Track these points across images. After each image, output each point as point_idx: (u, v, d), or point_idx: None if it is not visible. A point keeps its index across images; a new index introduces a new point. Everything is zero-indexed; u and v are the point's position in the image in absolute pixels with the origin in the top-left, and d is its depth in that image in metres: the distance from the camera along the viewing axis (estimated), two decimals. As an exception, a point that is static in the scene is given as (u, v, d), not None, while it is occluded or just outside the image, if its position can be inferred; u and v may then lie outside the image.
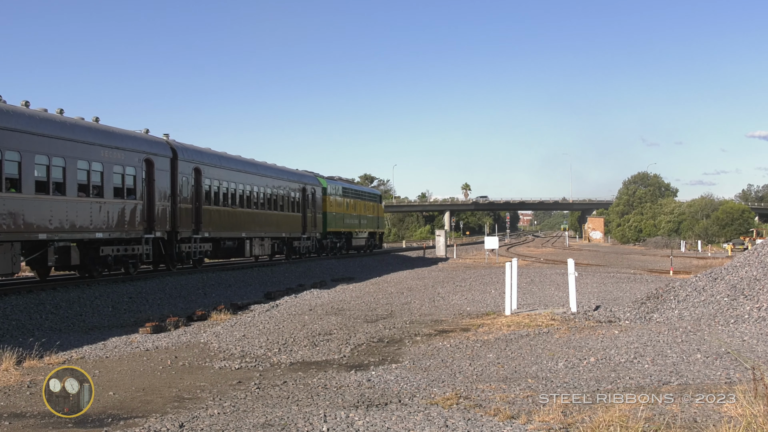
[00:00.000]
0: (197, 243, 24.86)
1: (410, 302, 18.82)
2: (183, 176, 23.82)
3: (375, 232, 47.76)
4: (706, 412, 6.67)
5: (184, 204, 23.78)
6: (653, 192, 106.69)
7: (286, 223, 32.68)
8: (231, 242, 27.71)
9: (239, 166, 28.59)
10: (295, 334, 13.21)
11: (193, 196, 24.59)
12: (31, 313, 15.11)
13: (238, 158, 29.46)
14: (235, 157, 29.24)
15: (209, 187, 25.68)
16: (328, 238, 38.59)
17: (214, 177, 26.06)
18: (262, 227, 30.03)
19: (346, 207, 40.94)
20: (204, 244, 25.54)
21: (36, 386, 9.01)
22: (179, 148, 23.90)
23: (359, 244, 44.16)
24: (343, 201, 40.51)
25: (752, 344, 10.04)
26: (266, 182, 30.81)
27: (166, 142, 23.67)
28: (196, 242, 24.77)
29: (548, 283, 22.85)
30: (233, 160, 28.59)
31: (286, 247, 33.41)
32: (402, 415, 7.03)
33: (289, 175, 34.06)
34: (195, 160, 24.80)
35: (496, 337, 12.13)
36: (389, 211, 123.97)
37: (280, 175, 32.79)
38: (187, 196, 24.08)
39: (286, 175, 33.63)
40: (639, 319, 13.39)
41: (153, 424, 7.08)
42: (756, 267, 13.47)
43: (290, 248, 33.82)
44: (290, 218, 33.26)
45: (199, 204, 24.80)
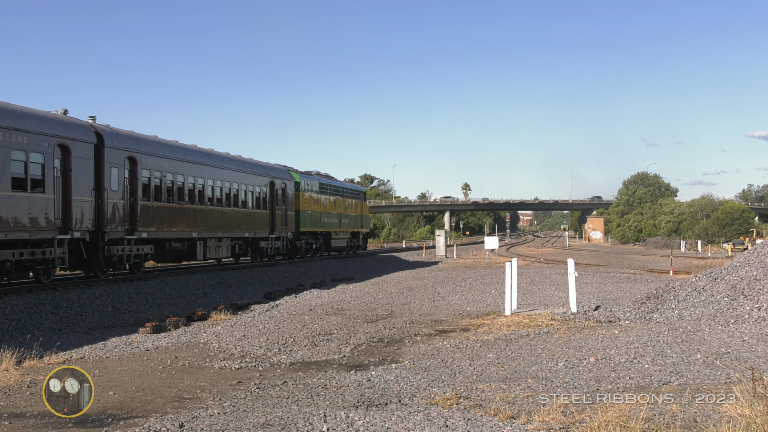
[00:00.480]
0: (133, 245, 21.05)
1: (410, 302, 18.82)
2: (112, 166, 19.83)
3: (358, 232, 44.36)
4: (706, 412, 6.67)
5: (113, 199, 19.88)
6: (653, 192, 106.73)
7: (249, 221, 28.85)
8: (179, 244, 23.87)
9: (189, 157, 24.80)
10: (295, 334, 13.22)
11: (127, 189, 20.72)
12: (31, 313, 15.11)
13: (189, 147, 25.69)
14: (185, 146, 25.53)
15: (149, 179, 21.87)
16: (303, 238, 34.98)
17: (155, 168, 22.25)
18: (220, 226, 26.29)
19: (324, 205, 37.54)
20: (143, 246, 21.74)
21: (36, 386, 9.01)
22: (107, 133, 19.98)
23: (339, 245, 40.70)
24: (321, 198, 37.05)
25: (752, 344, 10.05)
26: (225, 175, 26.92)
27: (89, 125, 19.87)
28: (131, 244, 20.93)
29: (548, 283, 22.85)
30: (181, 149, 24.86)
31: (252, 249, 29.79)
32: (402, 415, 7.03)
33: (254, 168, 30.06)
34: (129, 148, 20.90)
35: (496, 337, 12.13)
36: (389, 211, 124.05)
37: (242, 167, 28.78)
38: (117, 190, 20.12)
39: (249, 167, 29.67)
40: (639, 319, 13.40)
41: (153, 424, 7.08)
42: (756, 267, 13.47)
43: (256, 250, 30.17)
44: (255, 216, 29.38)
45: (134, 199, 20.99)
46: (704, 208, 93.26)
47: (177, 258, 24.77)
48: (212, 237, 25.77)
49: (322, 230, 37.64)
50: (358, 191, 45.77)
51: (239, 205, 28.04)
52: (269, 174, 31.31)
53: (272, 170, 32.00)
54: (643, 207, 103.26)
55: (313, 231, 36.32)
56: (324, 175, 40.08)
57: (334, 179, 41.62)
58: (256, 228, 29.43)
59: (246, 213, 28.67)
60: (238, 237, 28.12)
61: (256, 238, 29.77)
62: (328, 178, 40.45)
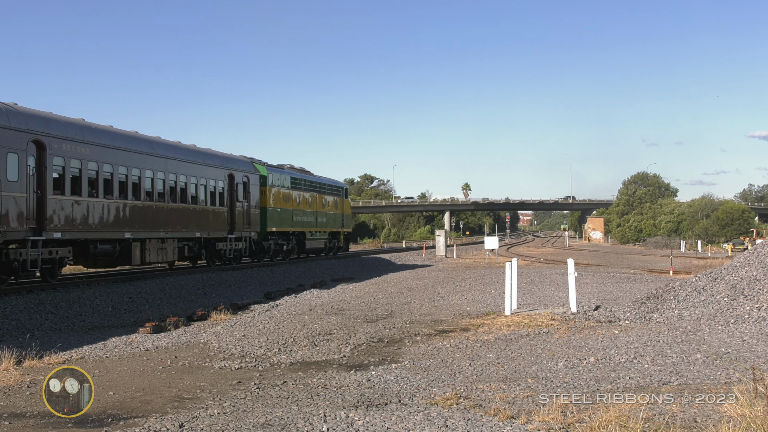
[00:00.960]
0: (41, 248, 17.37)
1: (410, 302, 18.83)
2: (8, 151, 16.28)
3: (338, 232, 40.33)
4: (706, 412, 6.67)
5: (11, 192, 16.29)
6: (653, 192, 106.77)
7: (202, 220, 24.93)
8: (108, 246, 20.10)
9: (120, 143, 20.75)
10: (295, 334, 13.22)
11: (32, 181, 17.09)
12: (31, 313, 15.11)
13: (120, 132, 21.54)
14: (116, 131, 21.41)
15: (63, 169, 18.15)
16: (271, 239, 31.25)
17: (73, 156, 18.50)
18: (163, 226, 22.52)
19: (297, 201, 33.64)
20: (57, 249, 18.13)
21: (36, 386, 9.01)
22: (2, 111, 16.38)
23: (316, 246, 36.72)
24: (293, 194, 33.22)
25: (752, 344, 10.05)
26: (169, 166, 22.99)
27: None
28: (38, 247, 17.29)
29: (548, 283, 22.85)
30: (108, 134, 20.57)
31: (206, 251, 25.98)
32: (402, 415, 7.03)
33: (208, 159, 26.09)
34: (35, 130, 17.25)
35: (496, 337, 12.14)
36: (389, 211, 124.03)
37: (191, 157, 24.78)
38: (17, 181, 16.49)
39: (202, 157, 25.65)
40: (639, 319, 13.40)
41: (153, 424, 7.08)
42: (756, 267, 13.47)
43: (212, 252, 26.41)
44: (209, 214, 25.48)
45: (42, 193, 17.40)
46: (704, 208, 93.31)
47: (108, 262, 21.05)
48: (153, 238, 21.95)
49: (295, 230, 33.75)
50: (338, 187, 41.31)
51: (188, 200, 24.18)
52: (227, 166, 27.21)
53: (231, 162, 27.92)
54: (643, 207, 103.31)
55: (284, 231, 32.43)
56: (299, 169, 36.39)
57: (310, 173, 37.66)
58: (210, 227, 25.56)
59: (197, 210, 24.73)
60: (187, 238, 24.20)
61: (212, 238, 25.94)
62: (303, 172, 36.61)
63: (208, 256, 26.19)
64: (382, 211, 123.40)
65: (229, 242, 27.11)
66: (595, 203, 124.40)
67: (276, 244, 31.88)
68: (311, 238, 35.85)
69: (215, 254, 26.54)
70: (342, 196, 41.26)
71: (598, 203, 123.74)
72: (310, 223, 35.49)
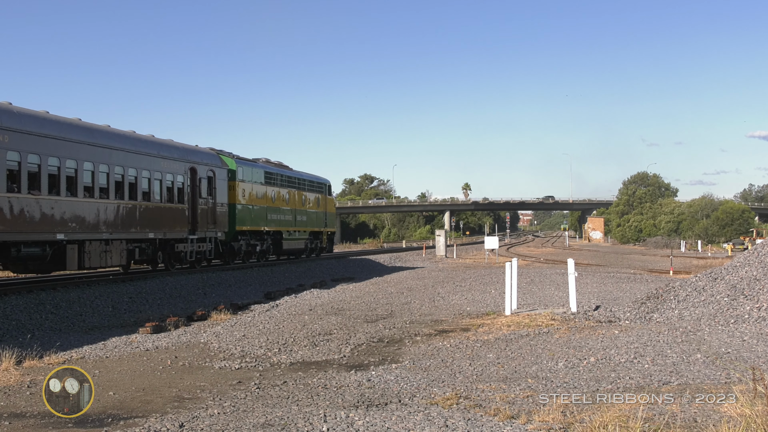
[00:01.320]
0: None
1: (410, 302, 18.83)
2: None
3: (320, 231, 37.47)
4: (706, 412, 6.67)
5: None
6: (653, 192, 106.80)
7: (156, 218, 22.02)
8: (35, 249, 17.31)
9: (50, 130, 17.66)
10: (295, 334, 13.22)
11: None
12: (31, 313, 15.11)
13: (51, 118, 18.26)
14: (46, 116, 18.16)
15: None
16: (241, 239, 28.42)
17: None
18: (106, 225, 19.45)
19: (272, 198, 30.88)
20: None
21: (36, 386, 9.01)
22: None
23: (295, 246, 34.03)
24: (267, 190, 30.40)
25: (752, 344, 10.05)
26: (112, 157, 19.73)
27: None
28: None
29: (548, 283, 22.86)
30: (33, 118, 17.35)
31: (163, 253, 22.97)
32: (402, 415, 7.03)
33: (163, 150, 22.85)
34: None
35: (496, 337, 12.14)
36: (389, 211, 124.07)
37: (142, 148, 21.56)
38: None
39: (156, 149, 22.48)
40: (639, 319, 13.40)
41: (153, 424, 7.08)
42: (756, 267, 13.47)
43: (171, 254, 23.36)
44: (165, 212, 22.49)
45: None
46: (704, 208, 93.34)
47: (39, 267, 18.23)
48: (94, 240, 18.96)
49: (270, 229, 30.88)
50: (321, 184, 38.14)
51: (138, 197, 21.09)
52: (188, 159, 24.09)
53: (193, 154, 24.81)
54: (643, 207, 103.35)
55: (256, 230, 29.59)
56: (275, 164, 33.70)
57: (288, 168, 34.86)
58: (166, 227, 22.56)
59: (150, 208, 21.72)
60: (138, 239, 21.33)
61: (169, 239, 23.03)
62: (280, 167, 33.78)
63: (165, 259, 23.17)
64: (382, 211, 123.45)
65: (191, 243, 24.18)
66: (595, 203, 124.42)
67: (248, 244, 29.07)
68: (289, 238, 33.12)
69: (174, 257, 23.59)
70: (325, 193, 38.34)
71: (598, 203, 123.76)
72: (287, 222, 32.74)
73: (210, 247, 25.60)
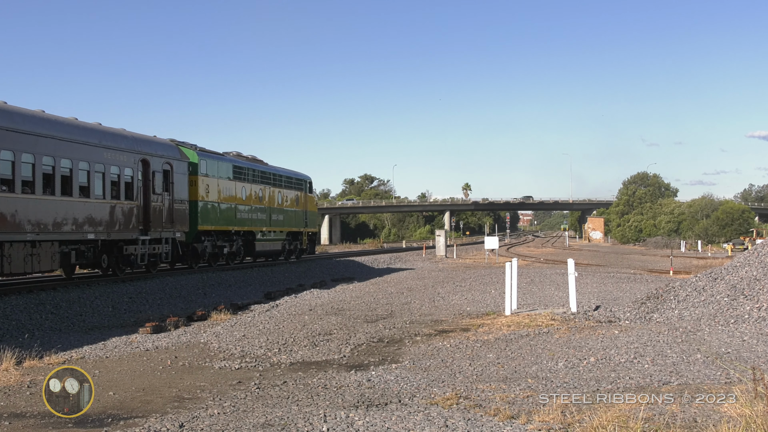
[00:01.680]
0: None
1: (410, 302, 18.84)
2: None
3: (299, 232, 34.67)
4: (706, 412, 6.67)
5: None
6: (653, 192, 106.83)
7: (98, 216, 19.13)
8: None
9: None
10: (295, 334, 13.22)
11: None
12: (31, 313, 15.12)
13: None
14: None
15: None
16: (206, 240, 25.67)
17: None
18: (32, 224, 16.83)
19: (242, 195, 28.16)
20: None
21: (36, 386, 9.01)
22: None
23: (270, 248, 31.36)
24: (236, 186, 27.69)
25: (752, 344, 10.05)
26: (38, 146, 17.05)
27: None
28: None
29: (548, 283, 22.86)
30: None
31: (109, 256, 20.32)
32: (402, 415, 7.03)
33: (106, 139, 19.84)
34: None
35: (496, 337, 12.14)
36: (389, 211, 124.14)
37: (78, 136, 18.74)
38: None
39: (97, 137, 19.44)
40: (639, 319, 13.40)
41: (153, 424, 7.08)
42: (756, 267, 13.48)
43: (118, 257, 20.56)
44: (109, 209, 19.63)
45: None
46: (704, 208, 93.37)
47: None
48: (16, 241, 16.40)
49: (240, 229, 28.18)
50: (300, 180, 35.28)
51: (74, 192, 18.25)
52: (138, 149, 21.19)
53: (145, 144, 21.93)
54: (643, 207, 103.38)
55: (223, 230, 26.85)
56: (248, 158, 30.92)
57: (263, 163, 32.15)
58: (111, 226, 19.73)
59: (90, 205, 18.83)
60: (74, 240, 18.64)
61: (115, 241, 20.22)
62: (253, 161, 31.14)
63: (112, 262, 20.49)
64: (382, 211, 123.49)
65: (143, 245, 21.37)
66: (595, 203, 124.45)
67: (214, 246, 26.37)
68: (263, 239, 30.38)
69: (123, 260, 20.79)
70: (305, 190, 35.60)
71: (598, 203, 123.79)
72: (260, 221, 29.94)
73: (167, 249, 22.75)
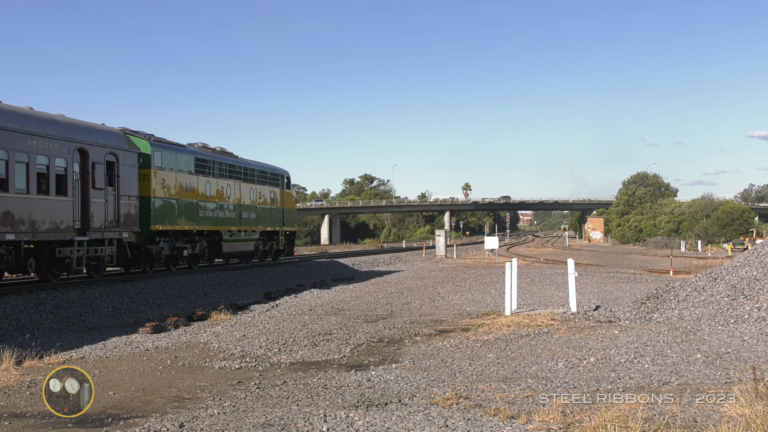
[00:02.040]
0: None
1: (410, 302, 18.84)
2: None
3: (275, 231, 31.58)
4: (706, 412, 6.67)
5: None
6: (653, 192, 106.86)
7: (20, 214, 16.47)
8: None
9: None
10: (295, 334, 13.22)
11: None
12: (31, 313, 15.12)
13: None
14: None
15: None
16: (162, 241, 22.92)
17: None
18: None
19: (206, 191, 25.10)
20: None
21: (36, 386, 9.01)
22: None
23: (240, 249, 28.38)
24: (199, 181, 24.61)
25: (752, 344, 10.05)
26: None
27: None
28: None
29: (548, 283, 22.86)
30: None
31: (38, 260, 17.67)
32: (402, 415, 7.03)
33: (29, 124, 16.94)
34: None
35: (496, 337, 12.14)
36: (389, 211, 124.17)
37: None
38: None
39: (18, 121, 16.56)
40: (639, 319, 13.40)
41: (153, 424, 7.08)
42: (756, 267, 13.48)
43: (49, 261, 17.90)
44: (35, 205, 16.90)
45: None
46: (704, 208, 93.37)
47: None
48: None
49: (204, 228, 25.04)
50: (276, 175, 32.04)
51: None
52: (73, 137, 18.34)
53: (83, 132, 19.01)
54: (643, 207, 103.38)
55: (183, 230, 23.85)
56: (215, 150, 27.54)
57: (233, 156, 28.80)
58: (37, 225, 16.97)
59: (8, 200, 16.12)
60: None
61: (46, 242, 17.56)
62: (221, 154, 27.77)
63: (43, 267, 17.93)
64: (382, 211, 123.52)
65: (80, 247, 18.51)
66: (595, 203, 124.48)
67: (172, 247, 23.48)
68: (232, 240, 27.31)
69: (56, 264, 18.17)
70: (282, 186, 32.43)
71: (598, 203, 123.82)
72: (228, 220, 26.79)
73: (111, 252, 20.07)
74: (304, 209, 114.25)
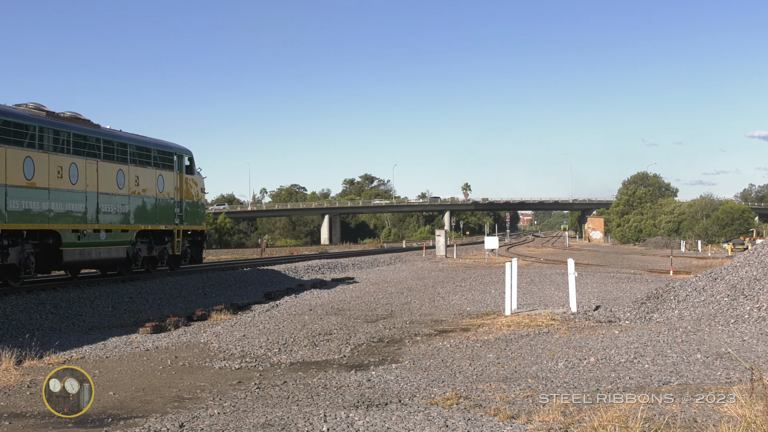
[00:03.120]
0: None
1: (410, 302, 18.84)
2: None
3: (167, 231, 23.21)
4: (706, 412, 6.67)
5: None
6: (653, 192, 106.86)
7: None
8: None
9: None
10: (295, 334, 13.22)
11: None
12: (31, 313, 15.11)
13: None
14: None
15: None
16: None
17: None
18: None
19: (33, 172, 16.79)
20: None
21: (36, 386, 9.01)
22: None
23: (100, 256, 19.81)
24: (17, 157, 16.28)
25: (752, 344, 10.05)
26: None
27: None
28: None
29: (548, 283, 22.86)
30: None
31: None
32: (402, 415, 7.03)
33: None
34: None
35: (496, 337, 12.14)
36: (389, 211, 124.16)
37: None
38: None
39: None
40: (639, 319, 13.40)
41: (153, 424, 7.08)
42: (756, 267, 13.48)
43: None
44: None
45: None
46: (704, 208, 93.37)
47: None
48: None
49: (28, 228, 16.84)
50: (166, 153, 23.17)
51: None
52: None
53: None
54: (643, 207, 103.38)
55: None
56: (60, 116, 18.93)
57: (90, 124, 20.12)
58: None
59: None
60: None
61: None
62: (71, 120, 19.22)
63: None
64: (382, 211, 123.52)
65: None
66: (595, 203, 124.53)
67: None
68: (81, 244, 18.79)
69: None
70: (178, 169, 23.76)
71: (598, 203, 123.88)
72: (74, 216, 18.48)
73: None
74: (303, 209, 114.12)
